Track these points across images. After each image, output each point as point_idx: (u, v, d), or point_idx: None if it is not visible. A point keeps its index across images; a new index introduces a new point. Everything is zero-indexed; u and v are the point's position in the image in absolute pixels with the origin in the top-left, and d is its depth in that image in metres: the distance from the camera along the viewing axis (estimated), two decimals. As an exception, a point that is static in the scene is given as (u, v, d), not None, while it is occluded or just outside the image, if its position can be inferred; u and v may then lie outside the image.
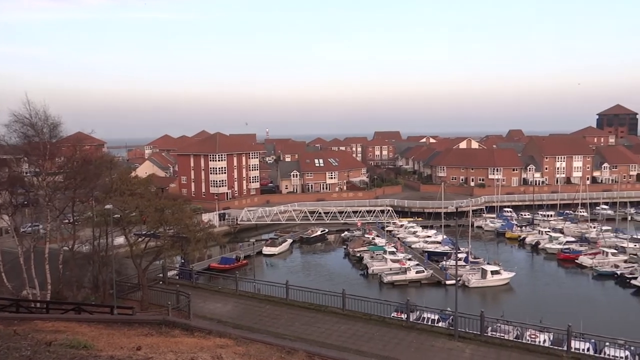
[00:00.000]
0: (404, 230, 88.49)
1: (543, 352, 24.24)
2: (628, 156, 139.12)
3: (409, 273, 61.83)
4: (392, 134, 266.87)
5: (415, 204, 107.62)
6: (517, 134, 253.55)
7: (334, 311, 30.42)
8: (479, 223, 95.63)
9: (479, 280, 60.26)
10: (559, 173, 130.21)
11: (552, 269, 69.71)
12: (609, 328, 42.51)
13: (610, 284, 62.06)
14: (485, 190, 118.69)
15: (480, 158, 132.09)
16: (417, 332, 26.85)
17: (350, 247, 76.67)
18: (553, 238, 78.73)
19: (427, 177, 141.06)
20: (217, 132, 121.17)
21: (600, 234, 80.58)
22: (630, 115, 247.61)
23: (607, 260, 67.46)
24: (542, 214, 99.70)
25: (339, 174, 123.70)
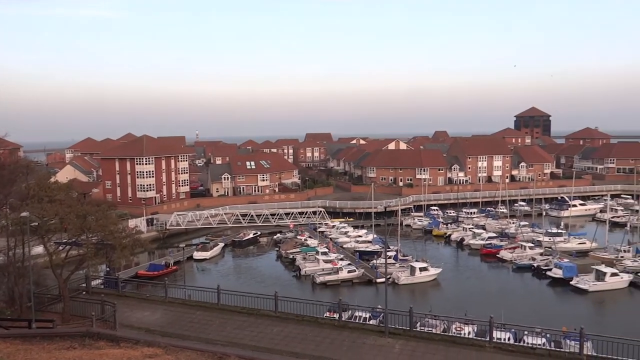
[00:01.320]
0: (335, 230, 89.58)
1: (468, 343, 25.36)
2: (542, 155, 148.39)
3: (341, 273, 62.66)
4: (323, 135, 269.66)
5: (346, 204, 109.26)
6: (442, 135, 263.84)
7: (266, 314, 30.29)
8: (407, 222, 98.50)
9: (408, 277, 62.10)
10: (480, 172, 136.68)
11: (476, 263, 73.04)
12: (527, 317, 45.19)
13: (528, 275, 65.90)
14: (413, 189, 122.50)
15: (408, 159, 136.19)
16: (349, 331, 27.27)
17: (283, 249, 76.63)
18: (476, 234, 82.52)
19: (357, 178, 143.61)
20: (144, 135, 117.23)
21: (519, 229, 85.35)
22: (544, 117, 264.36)
23: (525, 253, 71.60)
24: (466, 212, 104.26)
25: (271, 176, 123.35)
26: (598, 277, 59.05)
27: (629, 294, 58.11)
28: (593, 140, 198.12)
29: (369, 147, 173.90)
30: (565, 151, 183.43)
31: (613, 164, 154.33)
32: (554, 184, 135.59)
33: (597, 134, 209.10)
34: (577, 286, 58.74)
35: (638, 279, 60.28)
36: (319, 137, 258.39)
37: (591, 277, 59.55)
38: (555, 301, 57.26)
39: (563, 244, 76.41)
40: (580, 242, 77.53)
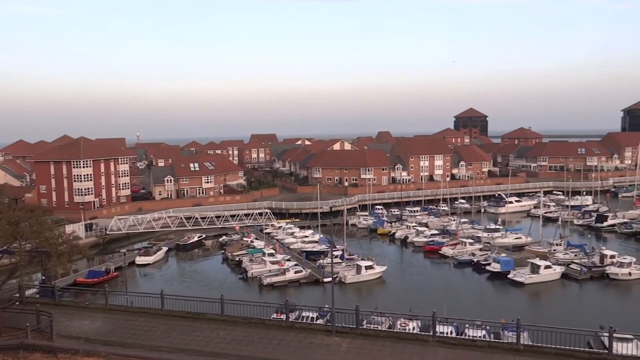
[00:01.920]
0: (282, 231, 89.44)
1: (412, 338, 25.98)
2: (480, 154, 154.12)
3: (288, 274, 62.63)
4: (268, 136, 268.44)
5: (292, 205, 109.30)
6: (385, 135, 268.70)
7: (212, 318, 29.85)
8: (353, 221, 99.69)
9: (354, 276, 62.86)
10: (423, 171, 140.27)
11: (419, 260, 74.93)
12: (468, 311, 46.78)
13: (468, 270, 68.25)
14: (358, 189, 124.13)
15: (353, 159, 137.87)
16: (297, 331, 27.32)
17: (229, 252, 75.76)
18: (419, 232, 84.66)
19: (303, 179, 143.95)
20: (81, 137, 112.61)
21: (459, 226, 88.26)
22: (481, 117, 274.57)
23: (466, 249, 74.15)
24: (410, 210, 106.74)
25: (216, 178, 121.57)
26: (533, 270, 61.94)
27: (561, 285, 61.32)
28: (527, 139, 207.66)
29: (314, 148, 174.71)
30: (502, 150, 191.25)
31: (545, 162, 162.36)
32: (492, 181, 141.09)
33: (531, 134, 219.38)
34: (514, 279, 61.39)
35: (569, 270, 63.72)
36: (264, 138, 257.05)
37: (527, 270, 62.40)
38: (494, 294, 59.61)
39: (501, 239, 79.66)
40: (516, 237, 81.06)
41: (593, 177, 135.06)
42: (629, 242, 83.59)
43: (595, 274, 63.13)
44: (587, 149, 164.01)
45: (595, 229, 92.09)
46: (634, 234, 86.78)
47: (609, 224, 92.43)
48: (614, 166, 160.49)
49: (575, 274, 62.94)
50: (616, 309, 53.81)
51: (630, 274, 61.95)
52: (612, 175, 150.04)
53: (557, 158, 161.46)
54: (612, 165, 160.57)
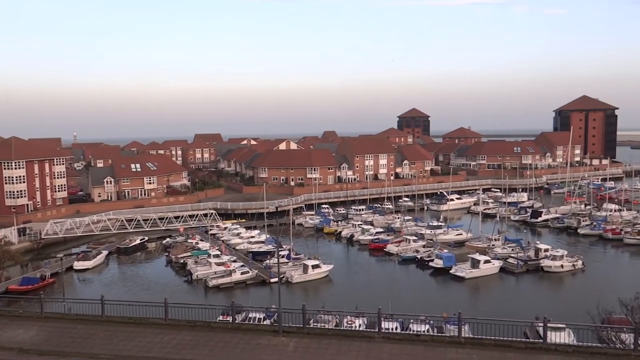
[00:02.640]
0: (227, 232, 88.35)
1: (358, 335, 26.28)
2: (423, 154, 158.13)
3: (234, 275, 61.95)
4: (213, 136, 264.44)
5: (238, 205, 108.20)
6: (331, 135, 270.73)
7: (156, 322, 29.06)
8: (299, 221, 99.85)
9: (301, 275, 62.99)
10: (368, 170, 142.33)
11: (365, 258, 75.99)
12: (413, 306, 47.96)
13: (412, 267, 69.87)
14: (305, 189, 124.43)
15: (299, 158, 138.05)
16: (243, 333, 27.04)
17: (173, 254, 74.06)
18: (365, 230, 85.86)
19: (249, 179, 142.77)
20: (12, 137, 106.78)
21: (404, 223, 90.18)
22: (424, 117, 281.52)
23: (410, 246, 75.86)
24: (355, 209, 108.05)
25: (158, 179, 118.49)
26: (473, 265, 64.19)
27: (499, 279, 63.87)
28: (466, 139, 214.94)
29: (260, 148, 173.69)
30: (443, 149, 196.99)
31: (484, 160, 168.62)
32: (434, 180, 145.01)
33: (470, 133, 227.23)
34: (456, 274, 63.40)
35: (507, 264, 66.47)
36: (208, 138, 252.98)
37: (467, 265, 64.59)
38: (437, 289, 61.33)
39: (443, 235, 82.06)
40: (457, 234, 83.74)
41: (528, 175, 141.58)
42: (561, 236, 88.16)
43: (531, 267, 66.18)
44: (522, 148, 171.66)
45: (531, 224, 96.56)
46: (566, 228, 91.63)
47: (543, 219, 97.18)
48: (547, 164, 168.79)
49: (512, 268, 65.73)
50: (550, 300, 56.63)
51: (562, 267, 65.37)
52: (545, 172, 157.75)
53: (495, 157, 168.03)
54: (545, 163, 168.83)
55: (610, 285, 57.02)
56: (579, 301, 49.22)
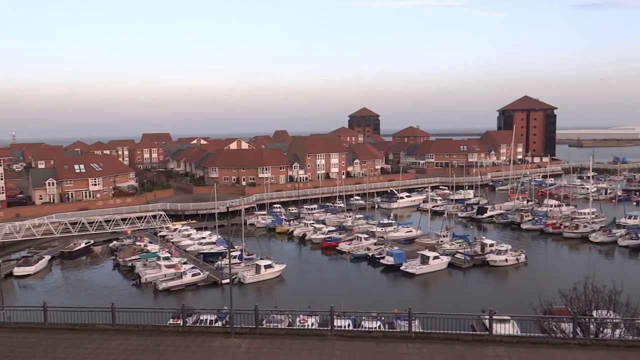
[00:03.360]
0: (178, 234, 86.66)
1: (311, 334, 26.40)
2: (373, 152, 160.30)
3: (184, 277, 60.85)
4: (161, 136, 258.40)
5: (188, 206, 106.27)
6: (282, 134, 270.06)
7: (103, 328, 28.15)
8: (251, 221, 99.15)
9: (253, 276, 62.61)
10: (319, 169, 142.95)
11: (318, 257, 76.34)
12: (365, 303, 48.56)
13: (364, 265, 70.75)
14: (256, 188, 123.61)
15: (250, 158, 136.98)
16: (194, 336, 26.62)
17: (120, 257, 71.94)
18: (317, 229, 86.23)
19: (199, 179, 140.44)
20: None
21: (355, 222, 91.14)
22: (374, 117, 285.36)
23: (361, 244, 76.77)
24: (307, 208, 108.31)
25: (104, 180, 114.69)
26: (423, 261, 65.68)
27: (447, 274, 65.65)
28: (415, 137, 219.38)
29: (210, 147, 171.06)
30: (393, 148, 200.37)
31: (432, 158, 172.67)
32: (384, 178, 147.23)
33: (419, 132, 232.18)
34: (406, 271, 64.69)
35: (454, 260, 68.40)
36: (156, 138, 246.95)
37: (417, 262, 66.02)
38: (388, 286, 62.40)
39: (393, 233, 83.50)
40: (407, 231, 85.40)
41: (474, 173, 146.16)
42: (505, 231, 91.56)
43: (477, 262, 68.38)
44: (468, 147, 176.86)
45: (477, 220, 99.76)
46: (510, 223, 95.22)
47: (488, 215, 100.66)
48: (491, 162, 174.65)
49: (460, 263, 67.70)
50: (495, 293, 58.76)
51: (506, 261, 67.91)
52: (490, 170, 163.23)
53: (443, 155, 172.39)
54: (490, 161, 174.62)
55: (551, 278, 59.68)
56: (523, 293, 51.22)
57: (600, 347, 22.30)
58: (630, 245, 75.65)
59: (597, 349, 22.10)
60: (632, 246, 75.39)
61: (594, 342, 23.26)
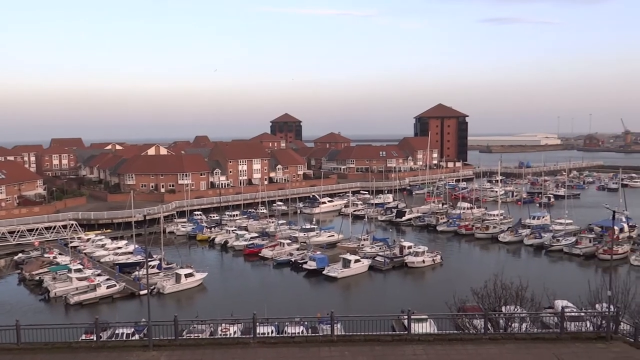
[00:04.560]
0: (91, 244, 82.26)
1: (233, 343, 26.00)
2: (296, 158, 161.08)
3: (99, 289, 57.87)
4: (72, 141, 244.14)
5: (102, 215, 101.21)
6: (203, 139, 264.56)
7: (6, 347, 26.11)
8: (171, 228, 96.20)
9: (173, 285, 60.77)
10: (241, 175, 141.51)
11: (240, 264, 75.43)
12: (288, 309, 48.60)
13: (287, 270, 70.79)
14: (176, 195, 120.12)
15: (169, 164, 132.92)
16: (109, 351, 25.36)
17: (27, 271, 67.09)
18: (239, 236, 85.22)
19: (114, 186, 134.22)
20: None
21: (278, 227, 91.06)
22: (296, 122, 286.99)
23: (284, 250, 76.81)
24: (229, 214, 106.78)
25: (8, 188, 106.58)
26: (345, 265, 66.81)
27: (368, 277, 67.22)
28: (337, 143, 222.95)
29: (126, 153, 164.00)
30: (315, 154, 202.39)
31: (353, 164, 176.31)
32: (307, 183, 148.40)
33: (340, 138, 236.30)
34: (329, 275, 65.50)
35: (375, 262, 70.16)
36: (67, 143, 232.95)
37: (339, 266, 67.06)
38: (311, 291, 62.84)
39: (316, 237, 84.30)
40: (329, 235, 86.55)
41: (392, 177, 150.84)
42: (423, 233, 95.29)
43: (397, 263, 70.60)
44: (387, 152, 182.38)
45: (396, 223, 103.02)
46: (426, 226, 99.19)
47: (407, 218, 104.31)
48: (409, 167, 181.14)
49: (380, 265, 69.54)
50: (414, 293, 60.96)
51: (424, 262, 70.65)
52: (407, 175, 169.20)
53: (363, 160, 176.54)
54: (407, 166, 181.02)
55: (464, 277, 62.72)
56: (439, 293, 53.42)
57: (509, 341, 23.73)
58: (534, 244, 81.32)
59: (506, 342, 23.49)
60: (536, 245, 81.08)
61: (503, 336, 24.72)
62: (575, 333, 24.53)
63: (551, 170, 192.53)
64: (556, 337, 23.76)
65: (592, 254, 74.31)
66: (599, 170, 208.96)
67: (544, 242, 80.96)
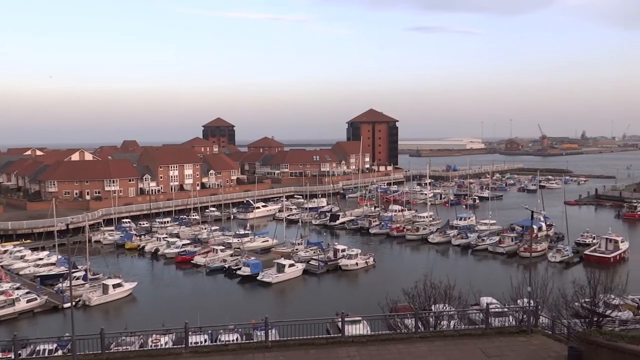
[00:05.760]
0: (8, 256, 77.16)
1: (164, 353, 25.26)
2: (229, 163, 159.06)
3: (17, 304, 54.34)
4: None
5: (21, 224, 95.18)
6: (132, 144, 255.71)
7: None
8: (97, 237, 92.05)
9: (101, 297, 58.23)
10: (173, 181, 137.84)
11: (172, 272, 73.41)
12: (222, 317, 47.75)
13: (221, 277, 69.69)
14: (103, 202, 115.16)
15: (95, 170, 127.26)
16: (30, 369, 23.97)
17: None
18: (170, 243, 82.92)
19: (35, 194, 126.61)
20: None
21: (211, 234, 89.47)
22: (229, 127, 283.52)
23: (217, 256, 75.54)
24: (160, 221, 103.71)
25: None
26: (279, 270, 66.67)
27: (303, 281, 67.46)
28: (270, 148, 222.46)
29: (48, 159, 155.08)
30: (249, 158, 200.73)
31: (287, 168, 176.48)
32: (240, 189, 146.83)
33: (274, 143, 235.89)
34: (263, 280, 65.12)
35: (309, 266, 70.54)
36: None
37: (273, 271, 66.82)
38: (246, 297, 62.20)
39: (250, 243, 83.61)
40: (264, 240, 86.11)
41: (326, 181, 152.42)
42: (356, 236, 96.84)
43: (331, 267, 71.34)
44: (321, 157, 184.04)
45: (330, 227, 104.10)
46: (360, 229, 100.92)
47: (340, 222, 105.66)
48: (342, 171, 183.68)
49: (314, 269, 69.98)
50: (348, 295, 61.74)
51: (357, 264, 71.83)
52: (341, 179, 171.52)
53: (297, 165, 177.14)
54: (341, 170, 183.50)
55: (396, 278, 64.35)
56: (372, 294, 54.47)
57: (438, 338, 24.59)
58: (461, 244, 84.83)
59: (436, 340, 24.33)
60: (462, 245, 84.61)
61: (433, 333, 25.59)
62: (499, 328, 25.78)
63: (476, 173, 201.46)
64: (482, 333, 24.89)
65: (514, 252, 78.49)
66: (519, 173, 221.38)
67: (470, 242, 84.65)
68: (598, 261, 71.95)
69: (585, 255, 75.26)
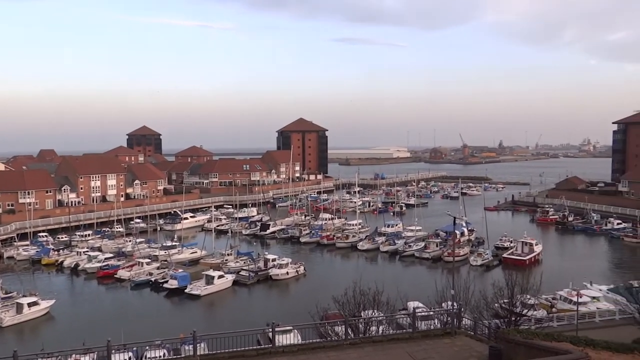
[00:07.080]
0: None
1: (86, 374, 24.02)
2: (155, 173, 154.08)
3: None
4: None
5: None
6: (49, 154, 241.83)
7: None
8: (10, 253, 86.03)
9: (14, 317, 54.46)
10: (94, 192, 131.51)
11: (93, 288, 69.92)
12: (148, 332, 46.06)
13: (146, 291, 67.18)
14: (16, 216, 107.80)
15: (7, 181, 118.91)
16: None
17: None
18: (92, 257, 78.90)
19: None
20: None
21: (136, 246, 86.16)
22: (156, 135, 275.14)
23: (143, 269, 72.80)
24: (80, 235, 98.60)
25: None
26: (208, 282, 65.26)
27: (233, 292, 66.44)
28: (199, 157, 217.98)
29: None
30: (176, 168, 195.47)
31: (216, 178, 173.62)
32: (167, 199, 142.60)
33: (202, 152, 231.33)
34: (191, 293, 63.47)
35: (239, 277, 69.61)
36: None
37: (202, 283, 65.34)
38: (173, 311, 60.32)
39: (177, 255, 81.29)
40: (192, 252, 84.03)
41: (256, 191, 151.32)
42: (287, 245, 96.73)
43: (261, 277, 70.73)
44: (251, 166, 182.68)
45: (260, 236, 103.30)
46: (290, 238, 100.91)
47: (271, 231, 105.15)
48: (272, 180, 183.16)
49: (244, 280, 69.13)
50: (279, 305, 61.52)
51: (287, 274, 71.72)
52: (271, 188, 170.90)
53: (226, 174, 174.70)
54: (271, 179, 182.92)
55: (327, 286, 64.73)
56: (303, 303, 54.42)
57: (368, 344, 25.02)
58: (389, 251, 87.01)
59: (365, 346, 24.74)
60: (390, 251, 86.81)
61: (362, 340, 25.99)
62: (426, 331, 26.64)
63: (403, 181, 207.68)
64: (409, 337, 25.59)
65: (439, 257, 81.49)
66: (443, 181, 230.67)
67: (397, 248, 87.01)
68: (515, 263, 76.27)
69: (503, 258, 79.50)
